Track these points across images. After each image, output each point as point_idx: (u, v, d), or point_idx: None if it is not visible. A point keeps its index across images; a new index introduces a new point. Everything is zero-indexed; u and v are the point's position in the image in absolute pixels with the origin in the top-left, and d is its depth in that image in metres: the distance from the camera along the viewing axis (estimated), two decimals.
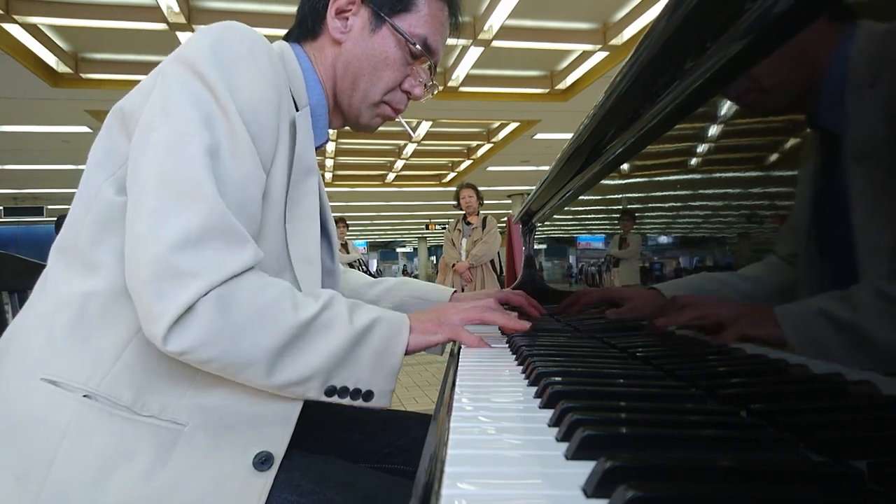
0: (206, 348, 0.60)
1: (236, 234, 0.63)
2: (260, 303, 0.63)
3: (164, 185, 0.61)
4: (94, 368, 0.64)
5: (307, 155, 0.79)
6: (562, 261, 1.65)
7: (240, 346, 0.61)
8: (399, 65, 0.84)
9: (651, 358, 0.70)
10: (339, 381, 0.68)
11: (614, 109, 0.84)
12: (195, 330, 0.59)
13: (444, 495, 0.31)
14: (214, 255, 0.60)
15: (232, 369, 0.62)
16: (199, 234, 0.60)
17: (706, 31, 0.56)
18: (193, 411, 0.66)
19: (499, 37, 5.34)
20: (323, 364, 0.66)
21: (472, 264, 4.52)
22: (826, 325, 0.40)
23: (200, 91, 0.65)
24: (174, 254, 0.58)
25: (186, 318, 0.59)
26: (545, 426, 0.45)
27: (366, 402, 0.70)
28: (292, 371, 0.65)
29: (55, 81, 5.73)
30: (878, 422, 0.36)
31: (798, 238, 0.45)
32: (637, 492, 0.28)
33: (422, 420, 0.97)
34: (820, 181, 0.42)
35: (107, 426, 0.62)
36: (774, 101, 0.50)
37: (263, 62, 0.71)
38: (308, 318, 0.65)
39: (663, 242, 0.79)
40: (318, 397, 0.67)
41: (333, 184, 12.19)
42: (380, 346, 0.70)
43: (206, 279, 0.59)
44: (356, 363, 0.68)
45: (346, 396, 0.68)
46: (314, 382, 0.66)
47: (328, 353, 0.66)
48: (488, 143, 9.40)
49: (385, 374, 0.70)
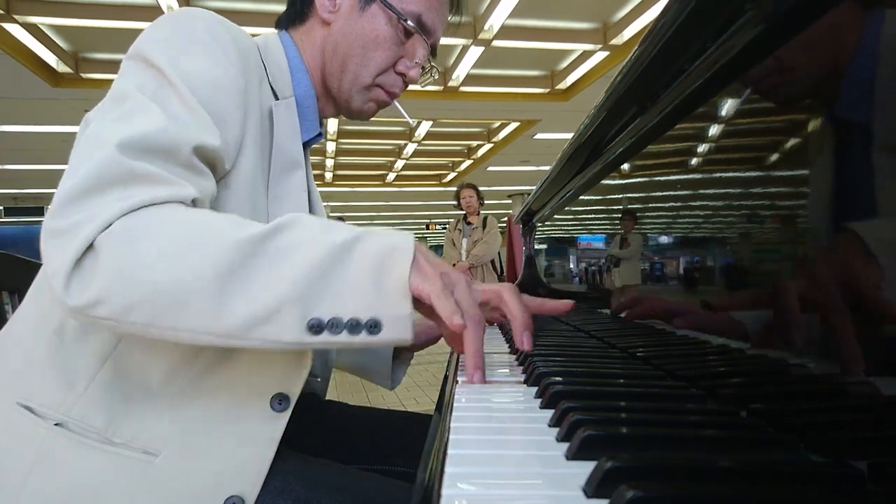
0: (118, 291, 0.48)
1: (149, 175, 0.53)
2: (184, 224, 0.51)
3: (74, 150, 0.56)
4: (67, 391, 0.61)
5: (290, 148, 0.74)
6: (562, 261, 1.64)
7: (166, 279, 0.49)
8: (390, 44, 0.78)
9: (651, 358, 0.70)
10: (325, 310, 0.51)
11: (614, 109, 0.84)
12: (99, 271, 0.48)
13: (444, 495, 0.31)
14: (115, 195, 0.51)
15: (165, 317, 0.49)
16: (95, 179, 0.51)
17: (706, 31, 0.56)
18: (167, 439, 0.61)
19: (499, 36, 5.34)
20: (293, 289, 0.50)
21: (472, 264, 4.52)
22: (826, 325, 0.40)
23: (145, 74, 0.62)
24: (67, 207, 0.50)
25: (85, 262, 0.49)
26: (546, 426, 0.45)
27: (373, 337, 0.52)
28: (249, 303, 0.50)
29: (55, 81, 5.73)
30: (878, 422, 0.36)
31: (797, 238, 0.45)
32: (637, 492, 0.28)
33: (422, 420, 0.95)
34: (818, 181, 0.42)
35: (76, 458, 0.59)
36: (774, 100, 0.50)
37: (225, 46, 0.66)
38: (257, 234, 0.52)
39: (664, 242, 0.79)
40: (301, 339, 0.51)
41: (333, 184, 12.19)
42: (375, 258, 0.53)
43: (103, 215, 0.50)
44: (344, 284, 0.52)
45: (340, 331, 0.51)
46: (287, 315, 0.50)
47: (297, 273, 0.51)
48: (488, 143, 9.40)
49: (391, 296, 0.52)
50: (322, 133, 0.86)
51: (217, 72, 0.64)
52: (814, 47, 0.43)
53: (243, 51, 0.69)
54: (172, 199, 0.54)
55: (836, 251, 0.39)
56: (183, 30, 0.65)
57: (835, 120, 0.41)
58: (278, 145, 0.72)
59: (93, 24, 4.86)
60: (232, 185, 0.68)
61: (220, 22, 0.68)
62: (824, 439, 0.38)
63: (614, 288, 1.04)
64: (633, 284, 0.92)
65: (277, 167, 0.72)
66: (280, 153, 0.73)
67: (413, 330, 0.53)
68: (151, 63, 0.62)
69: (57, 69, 5.72)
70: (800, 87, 0.46)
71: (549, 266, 1.79)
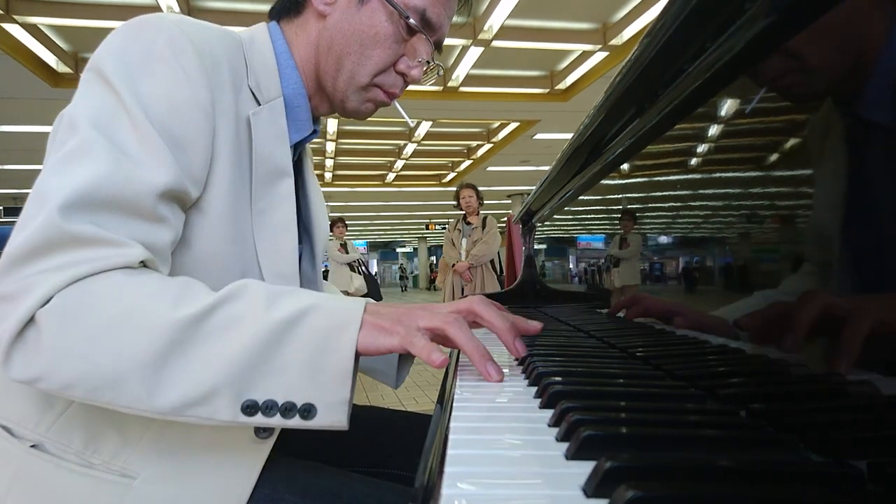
0: (57, 371, 0.49)
1: (88, 238, 0.51)
2: (122, 303, 0.50)
3: (29, 200, 0.54)
4: (44, 412, 0.60)
5: (274, 156, 0.69)
6: (562, 261, 1.64)
7: (101, 361, 0.49)
8: (391, 42, 0.72)
9: (651, 358, 0.70)
10: (259, 393, 0.51)
11: (614, 109, 0.84)
12: (40, 350, 0.49)
13: (444, 495, 0.31)
14: (53, 264, 0.50)
15: (102, 394, 0.50)
16: (31, 248, 0.50)
17: (706, 31, 0.56)
18: (146, 461, 0.59)
19: (499, 37, 5.34)
20: (228, 372, 0.50)
21: (471, 264, 4.52)
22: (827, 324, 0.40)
23: (101, 94, 0.58)
24: (8, 270, 0.50)
25: (27, 337, 0.49)
26: (545, 426, 0.45)
27: (306, 422, 0.52)
28: (181, 385, 0.50)
29: (55, 81, 5.73)
30: (878, 422, 0.36)
31: (796, 238, 0.45)
32: (637, 492, 0.28)
33: (421, 421, 0.93)
34: (816, 181, 0.42)
35: (53, 480, 0.58)
36: (773, 100, 0.50)
37: (187, 57, 0.61)
38: (194, 314, 0.50)
39: (663, 242, 0.79)
40: (235, 419, 0.51)
41: (333, 184, 12.20)
42: (315, 343, 0.52)
43: (42, 287, 0.49)
44: (280, 367, 0.51)
45: (273, 414, 0.51)
46: (221, 399, 0.50)
47: (233, 354, 0.50)
48: (488, 143, 9.41)
49: (328, 381, 0.52)
50: (317, 130, 0.81)
51: (177, 91, 0.60)
52: (813, 47, 0.43)
53: (211, 61, 0.63)
54: (115, 265, 0.52)
55: (835, 251, 0.39)
56: (143, 45, 0.60)
57: (834, 119, 0.41)
58: (259, 154, 0.68)
59: (93, 24, 4.86)
60: (206, 208, 0.64)
61: (184, 31, 0.62)
62: (824, 439, 0.38)
63: (614, 288, 1.04)
64: (633, 284, 0.92)
65: (259, 178, 0.68)
66: (262, 163, 0.68)
67: (349, 415, 0.53)
68: (108, 81, 0.58)
69: (57, 69, 5.72)
70: (799, 87, 0.46)
71: (549, 266, 1.79)
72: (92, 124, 0.56)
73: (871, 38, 0.37)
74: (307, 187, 0.86)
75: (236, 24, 4.35)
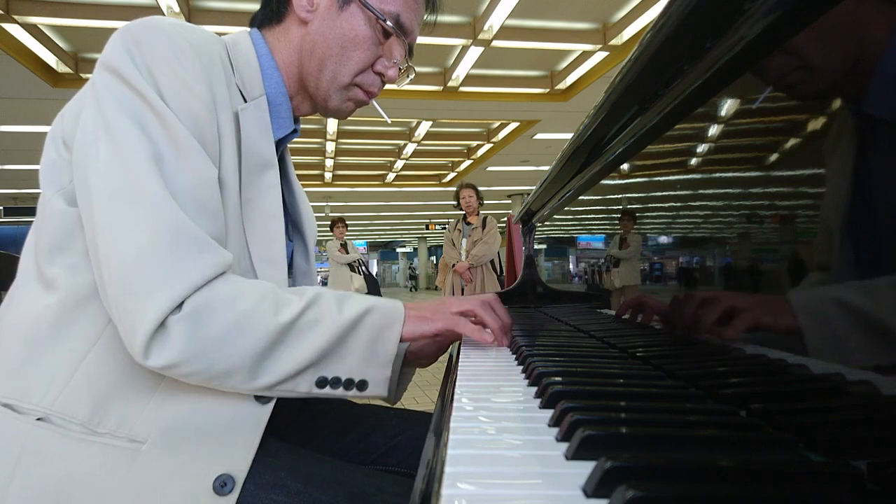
0: (186, 365, 0.59)
1: (196, 242, 0.61)
2: (237, 311, 0.61)
3: (114, 200, 0.59)
4: (48, 386, 0.62)
5: (260, 149, 0.74)
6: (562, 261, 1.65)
7: (221, 357, 0.60)
8: (369, 44, 0.78)
9: (651, 358, 0.70)
10: (329, 372, 0.66)
11: (614, 109, 0.84)
12: (172, 348, 0.58)
13: (444, 495, 0.31)
14: (174, 267, 0.59)
15: (216, 381, 0.61)
16: (154, 246, 0.58)
17: (706, 31, 0.56)
18: (152, 425, 0.63)
19: (499, 37, 5.34)
20: (310, 359, 0.64)
21: (471, 264, 4.52)
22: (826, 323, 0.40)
23: (129, 97, 0.62)
24: (135, 268, 0.57)
25: (161, 336, 0.58)
26: (545, 426, 0.45)
27: (361, 392, 0.68)
28: (279, 370, 0.63)
29: (55, 81, 5.73)
30: (878, 422, 0.36)
31: (796, 238, 0.45)
32: (637, 492, 0.28)
33: (417, 418, 0.95)
34: (815, 181, 0.42)
35: (61, 450, 0.60)
36: (773, 100, 0.50)
37: (187, 57, 0.66)
38: (291, 319, 0.64)
39: (663, 242, 0.79)
40: (310, 391, 0.66)
41: (333, 184, 12.19)
42: (371, 335, 0.68)
43: (171, 291, 0.58)
44: (347, 354, 0.67)
45: (338, 387, 0.67)
46: (303, 378, 0.65)
47: (316, 347, 0.64)
48: (488, 143, 9.40)
49: (380, 363, 0.68)
50: (297, 130, 0.85)
51: (184, 92, 0.65)
52: (813, 47, 0.43)
53: (206, 59, 0.68)
54: (221, 270, 0.62)
55: (834, 251, 0.39)
56: (145, 44, 0.64)
57: (835, 119, 0.41)
58: (247, 147, 0.72)
59: (93, 25, 4.86)
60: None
61: (181, 33, 0.66)
62: (824, 439, 0.38)
63: (613, 288, 1.04)
64: (633, 284, 0.92)
65: (248, 169, 0.72)
66: (249, 155, 0.73)
67: (389, 389, 0.70)
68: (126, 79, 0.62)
69: (57, 69, 5.72)
70: (798, 87, 0.46)
71: (549, 266, 1.79)
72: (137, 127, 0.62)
73: (873, 37, 0.37)
74: (291, 185, 0.90)
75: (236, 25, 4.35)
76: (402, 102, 6.54)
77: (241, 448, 0.65)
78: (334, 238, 6.17)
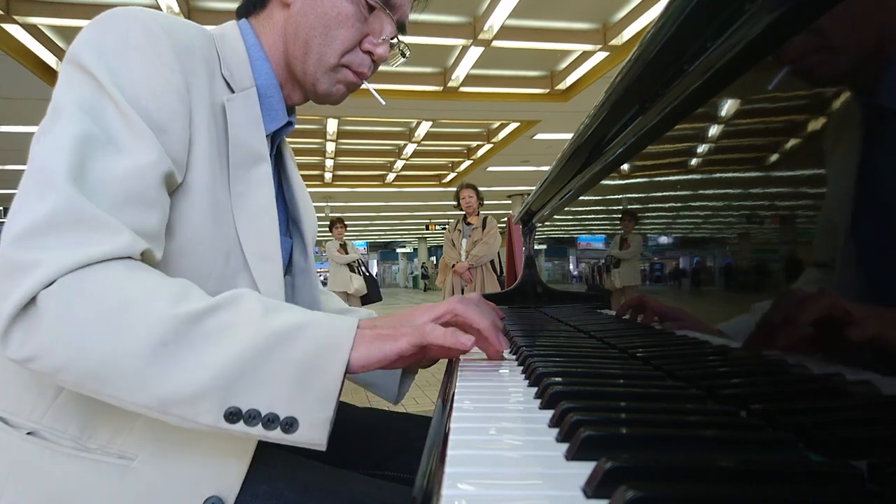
0: (51, 352, 0.50)
1: (98, 223, 0.53)
2: (124, 294, 0.52)
3: (25, 178, 0.55)
4: (37, 400, 0.61)
5: (250, 141, 0.72)
6: (562, 261, 1.64)
7: (95, 348, 0.50)
8: (353, 21, 0.75)
9: (651, 358, 0.70)
10: (244, 401, 0.52)
11: (614, 109, 0.84)
12: (37, 330, 0.50)
13: (444, 495, 0.31)
14: (61, 243, 0.52)
15: (92, 382, 0.51)
16: (44, 223, 0.51)
17: (706, 31, 0.56)
18: (143, 440, 0.60)
19: (499, 37, 5.34)
20: (217, 375, 0.51)
21: (471, 265, 4.52)
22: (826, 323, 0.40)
23: (83, 82, 0.60)
24: (15, 246, 0.51)
25: (27, 316, 0.51)
26: (545, 426, 0.45)
27: (287, 435, 0.53)
28: (171, 383, 0.51)
29: (55, 82, 5.73)
30: (878, 422, 0.36)
31: (796, 238, 0.45)
32: (637, 492, 0.28)
33: (418, 422, 0.93)
34: (815, 181, 0.42)
35: (51, 466, 0.58)
36: (773, 100, 0.50)
37: (161, 46, 0.63)
38: (193, 314, 0.52)
39: (664, 243, 0.79)
40: (217, 424, 0.52)
41: (333, 184, 12.20)
42: (305, 358, 0.54)
43: (47, 267, 0.50)
44: (269, 378, 0.53)
45: (255, 424, 0.52)
46: (206, 402, 0.51)
47: (225, 359, 0.52)
48: (488, 144, 9.41)
49: (314, 398, 0.54)
50: (293, 122, 0.83)
51: (153, 77, 0.62)
52: (813, 47, 0.43)
53: (183, 47, 0.66)
54: (119, 253, 0.54)
55: (837, 251, 0.39)
56: (118, 34, 0.63)
57: (835, 120, 0.41)
58: (235, 140, 0.70)
59: None
60: (188, 191, 0.65)
61: (156, 20, 0.65)
62: (824, 439, 0.38)
63: (614, 288, 1.04)
64: (633, 285, 0.92)
65: (236, 163, 0.70)
66: (238, 148, 0.70)
67: (327, 435, 0.55)
68: (87, 70, 0.60)
69: (57, 69, 5.72)
70: (798, 88, 0.46)
71: (549, 266, 1.79)
72: (80, 109, 0.58)
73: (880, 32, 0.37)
74: (290, 181, 0.87)
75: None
76: (402, 103, 6.55)
77: (233, 466, 0.62)
78: (333, 238, 6.16)
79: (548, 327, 1.19)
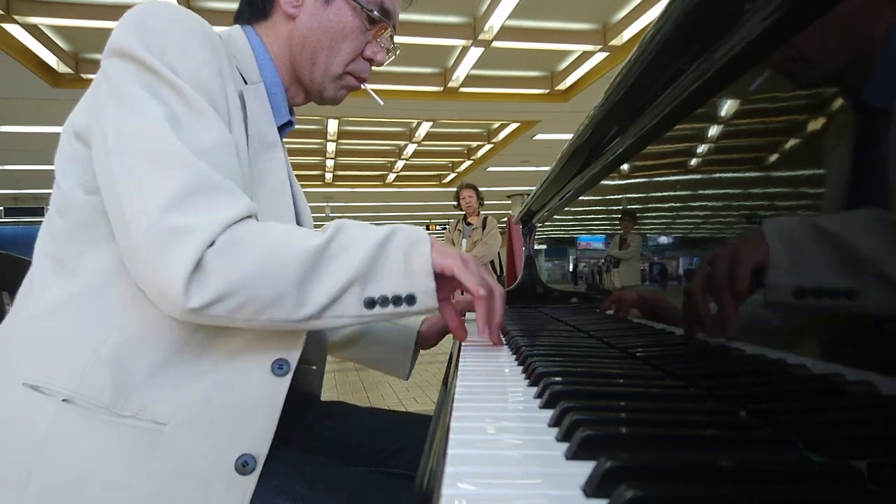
0: (229, 297, 0.59)
1: (223, 188, 0.62)
2: (269, 240, 0.62)
3: (138, 164, 0.60)
4: (71, 370, 0.63)
5: (265, 129, 0.76)
6: (562, 261, 1.64)
7: (262, 285, 0.60)
8: (357, 33, 0.81)
9: (651, 358, 0.70)
10: (375, 291, 0.66)
11: (614, 109, 0.84)
12: (211, 283, 0.59)
13: (444, 495, 0.31)
14: (206, 209, 0.60)
15: (264, 313, 0.61)
16: (184, 194, 0.59)
17: (706, 32, 0.56)
18: (175, 407, 0.64)
19: (499, 37, 5.34)
20: (351, 278, 0.64)
21: None
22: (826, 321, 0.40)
23: (141, 73, 0.64)
24: (165, 216, 0.58)
25: (199, 275, 0.58)
26: (545, 426, 0.45)
27: (411, 307, 0.67)
28: (322, 293, 0.63)
29: (55, 81, 5.73)
30: (878, 422, 0.36)
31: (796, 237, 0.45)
32: (637, 492, 0.28)
33: (422, 421, 0.95)
34: (814, 182, 0.42)
35: (87, 430, 0.61)
36: (773, 100, 0.50)
37: (195, 32, 0.68)
38: (322, 244, 0.64)
39: (663, 243, 0.79)
40: (361, 313, 0.65)
41: (333, 184, 12.19)
42: (404, 249, 0.67)
43: (203, 231, 0.59)
44: (386, 271, 0.66)
45: (388, 305, 0.66)
46: (350, 299, 0.65)
47: (353, 267, 0.64)
48: (488, 144, 9.40)
49: (420, 275, 0.67)
50: (293, 121, 0.87)
51: (195, 58, 0.67)
52: (813, 48, 0.43)
53: (213, 35, 0.71)
54: (248, 212, 0.63)
55: (833, 252, 0.39)
56: (152, 22, 0.66)
57: (833, 120, 0.41)
58: (252, 127, 0.74)
59: (93, 25, 4.86)
60: None
61: (184, 11, 0.69)
62: (824, 439, 0.38)
63: (614, 288, 1.04)
64: (633, 285, 0.92)
65: (255, 146, 0.74)
66: (255, 134, 0.74)
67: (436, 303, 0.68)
68: (134, 57, 0.64)
69: (57, 69, 5.72)
70: (798, 88, 0.46)
71: (549, 266, 1.79)
72: (150, 94, 0.63)
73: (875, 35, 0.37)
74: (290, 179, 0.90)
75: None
76: (402, 103, 6.54)
77: (262, 426, 0.66)
78: None
79: (548, 327, 1.19)
